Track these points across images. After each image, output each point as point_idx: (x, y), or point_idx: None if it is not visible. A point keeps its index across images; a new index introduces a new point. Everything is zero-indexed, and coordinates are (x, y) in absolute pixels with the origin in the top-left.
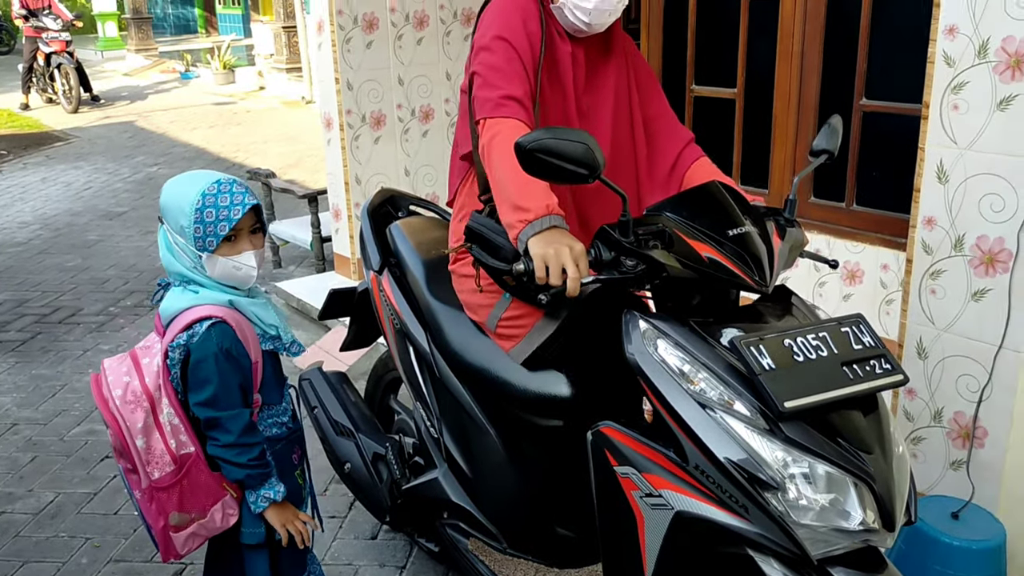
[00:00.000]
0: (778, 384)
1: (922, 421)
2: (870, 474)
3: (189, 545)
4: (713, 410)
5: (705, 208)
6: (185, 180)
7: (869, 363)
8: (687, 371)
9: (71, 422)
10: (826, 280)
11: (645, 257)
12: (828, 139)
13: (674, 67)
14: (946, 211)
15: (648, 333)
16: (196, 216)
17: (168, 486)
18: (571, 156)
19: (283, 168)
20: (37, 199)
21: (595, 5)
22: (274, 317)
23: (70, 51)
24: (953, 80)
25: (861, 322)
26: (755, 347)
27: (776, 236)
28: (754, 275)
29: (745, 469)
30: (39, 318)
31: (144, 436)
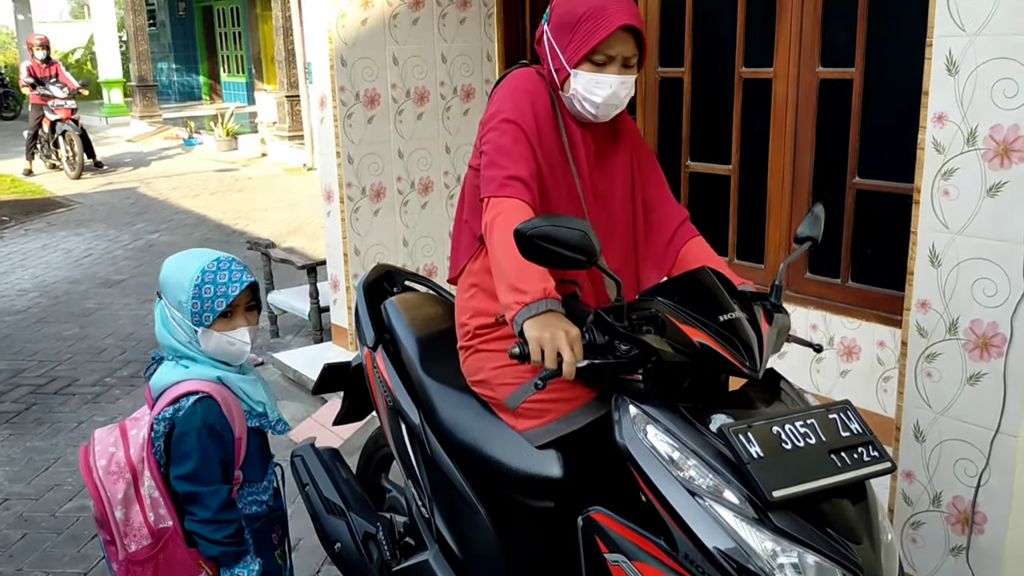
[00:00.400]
0: (766, 473)
1: (921, 505)
2: (859, 565)
3: None
4: (702, 498)
5: (696, 293)
6: (186, 257)
7: (857, 451)
8: (676, 458)
9: (63, 497)
10: (823, 356)
11: (638, 341)
12: (812, 227)
13: (670, 142)
14: (940, 294)
15: (638, 419)
16: (195, 292)
17: (144, 559)
18: (568, 243)
19: (283, 235)
20: (37, 266)
21: (603, 100)
22: (262, 394)
23: (75, 118)
24: (943, 166)
25: (848, 408)
26: (744, 435)
27: (764, 321)
28: (745, 360)
29: (734, 559)
30: (34, 388)
31: (124, 507)
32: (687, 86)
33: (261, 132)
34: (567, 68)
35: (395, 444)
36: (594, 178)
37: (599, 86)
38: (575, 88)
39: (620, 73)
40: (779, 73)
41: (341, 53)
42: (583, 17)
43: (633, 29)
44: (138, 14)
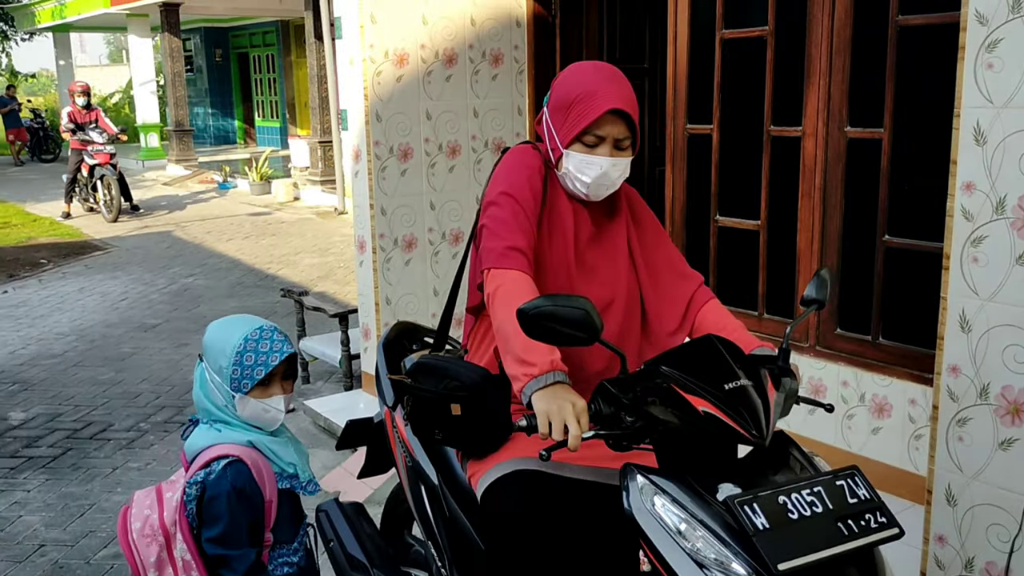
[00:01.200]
0: (772, 544)
1: (954, 570)
2: None
3: None
4: (710, 570)
5: (701, 362)
6: (230, 323)
7: (864, 517)
8: (683, 529)
9: (98, 544)
10: (854, 413)
11: (644, 413)
12: (818, 289)
13: (699, 197)
14: (970, 360)
15: (646, 489)
16: (236, 358)
17: None
18: (571, 321)
19: (314, 280)
20: (74, 309)
21: (593, 180)
22: (293, 455)
23: (113, 163)
24: (972, 234)
25: (856, 474)
26: (749, 506)
27: (771, 387)
28: (751, 429)
29: None
30: (70, 433)
31: (157, 571)
32: (715, 142)
33: (294, 176)
34: (560, 148)
35: (415, 503)
36: (587, 253)
37: (590, 166)
38: (567, 167)
39: (611, 155)
40: (808, 132)
41: (376, 108)
42: (576, 99)
43: (623, 113)
44: (176, 60)
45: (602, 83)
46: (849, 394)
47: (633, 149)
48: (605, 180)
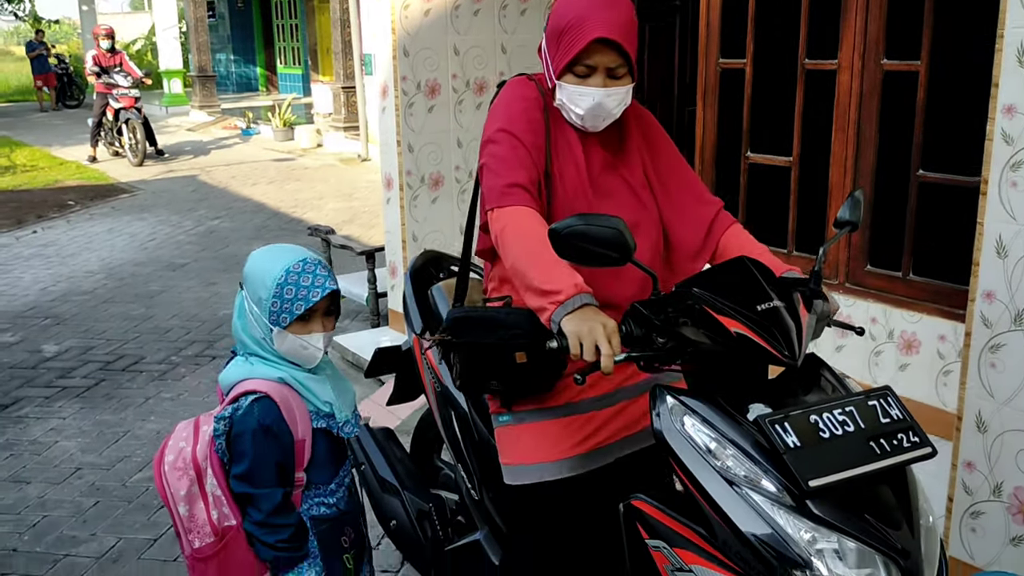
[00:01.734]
0: (803, 462)
1: (981, 495)
2: (897, 550)
3: None
4: (740, 487)
5: (733, 283)
6: (273, 252)
7: (896, 437)
8: (714, 448)
9: (133, 468)
10: (882, 349)
11: (675, 334)
12: (852, 211)
13: (730, 134)
14: (1006, 286)
15: (675, 409)
16: (276, 291)
17: (208, 556)
18: (603, 240)
19: (339, 224)
20: (103, 248)
21: (586, 110)
22: (330, 394)
23: (138, 107)
24: (1012, 158)
25: (889, 395)
26: (780, 425)
27: (803, 309)
28: (783, 349)
29: (772, 546)
30: (103, 365)
31: (188, 504)
32: (748, 77)
33: (317, 123)
34: (553, 78)
35: (444, 428)
36: (601, 180)
37: (582, 97)
38: (560, 98)
39: (605, 85)
40: (843, 65)
41: (404, 43)
42: (566, 27)
43: (613, 41)
44: (198, 5)
45: (593, 9)
46: (878, 331)
47: (632, 76)
48: (600, 111)
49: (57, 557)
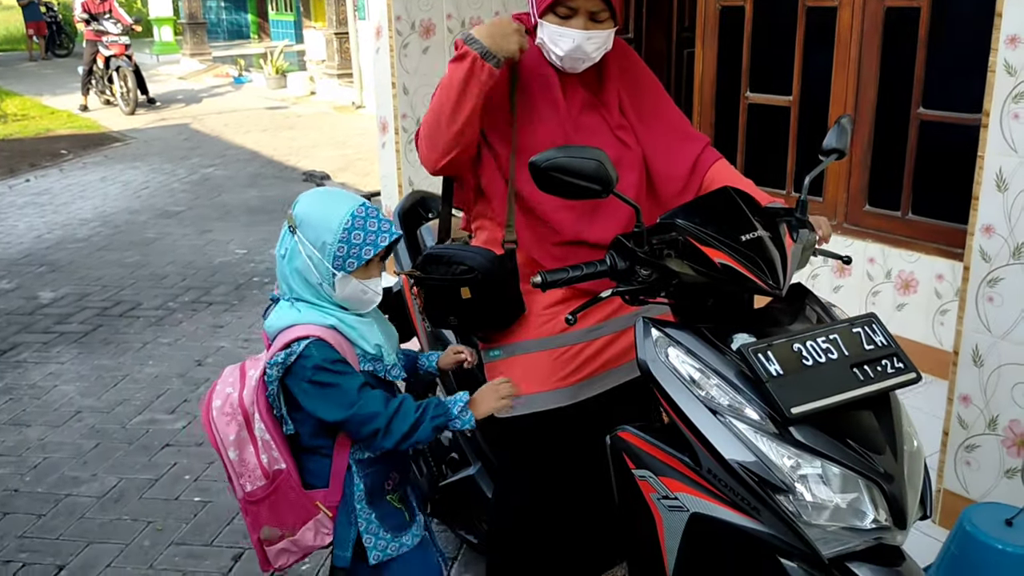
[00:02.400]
0: (785, 390)
1: (976, 428)
2: (880, 474)
3: (282, 560)
4: (723, 416)
5: (717, 214)
6: (331, 196)
7: (880, 363)
8: (698, 378)
9: (132, 411)
10: (880, 289)
11: (659, 266)
12: (838, 138)
13: (729, 74)
14: (1005, 219)
15: (660, 341)
16: (343, 235)
17: (259, 500)
18: (584, 173)
19: (333, 172)
20: (97, 197)
21: (566, 52)
22: (379, 336)
23: (129, 54)
24: (1014, 89)
25: (874, 321)
26: (763, 354)
27: (788, 238)
28: (767, 279)
29: (755, 472)
30: (100, 311)
31: (237, 449)
32: (748, 15)
33: (310, 70)
34: (535, 17)
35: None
36: (581, 119)
37: (562, 38)
38: (542, 38)
39: (586, 27)
40: (844, 2)
41: None
42: None
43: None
44: None
45: None
46: (875, 271)
47: (614, 21)
48: (579, 53)
49: (59, 497)
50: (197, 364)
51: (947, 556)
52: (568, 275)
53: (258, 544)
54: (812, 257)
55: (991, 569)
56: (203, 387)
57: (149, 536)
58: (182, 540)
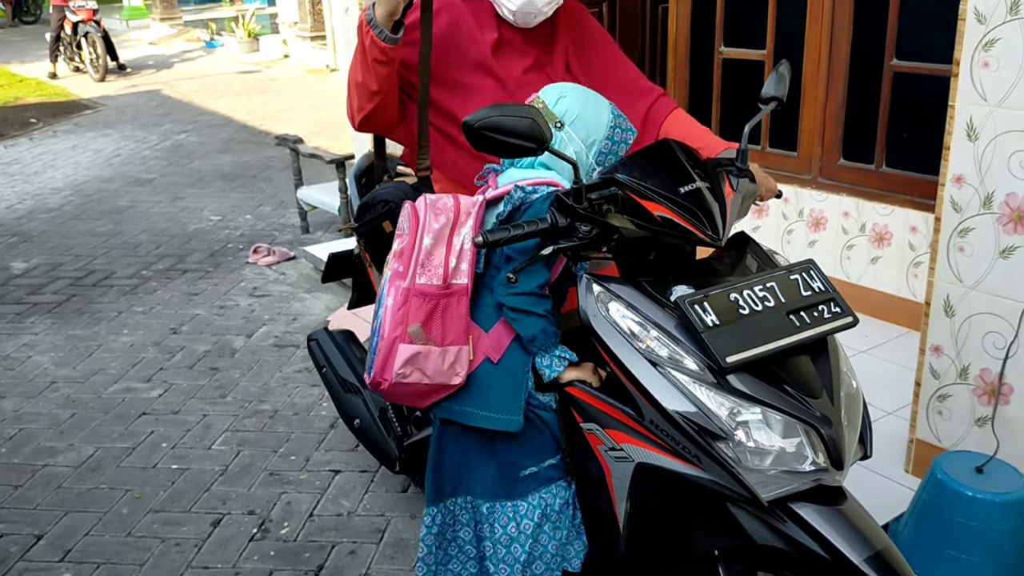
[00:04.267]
0: (721, 339)
1: (948, 378)
2: (817, 417)
3: (405, 370)
4: (663, 367)
5: (656, 167)
6: (593, 95)
7: (817, 308)
8: (637, 331)
9: (108, 380)
10: (854, 243)
11: (599, 222)
12: (776, 86)
13: (703, 29)
14: (975, 169)
15: (601, 296)
16: (609, 133)
17: (427, 295)
18: (518, 131)
19: (308, 135)
20: (68, 166)
21: (518, 7)
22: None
23: (97, 20)
24: (984, 37)
25: (812, 268)
26: (699, 305)
27: (728, 188)
28: (707, 230)
29: (695, 422)
30: (73, 281)
31: (434, 239)
32: None
33: (283, 33)
34: None
35: None
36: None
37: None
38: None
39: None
40: None
41: None
42: None
43: None
44: None
45: None
46: (850, 224)
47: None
48: (531, 8)
49: (35, 468)
50: (172, 332)
51: (919, 504)
52: (510, 234)
53: (391, 344)
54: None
55: (962, 516)
56: (179, 355)
57: (127, 504)
58: (160, 507)
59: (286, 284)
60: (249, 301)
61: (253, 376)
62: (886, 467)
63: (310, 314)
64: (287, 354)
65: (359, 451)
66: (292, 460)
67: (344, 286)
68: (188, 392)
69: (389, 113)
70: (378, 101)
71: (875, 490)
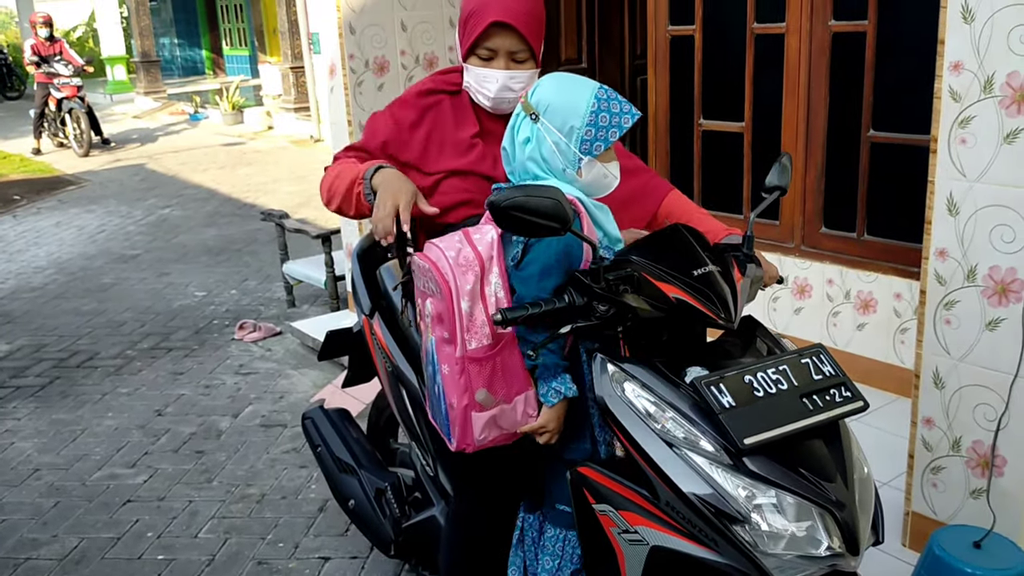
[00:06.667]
0: (738, 421)
1: (941, 451)
2: (832, 501)
3: (486, 434)
4: (679, 448)
5: (670, 250)
6: (571, 82)
7: (829, 392)
8: (653, 412)
9: (92, 466)
10: (840, 310)
11: (616, 301)
12: (780, 176)
13: (682, 102)
14: (958, 242)
15: (616, 376)
16: (591, 119)
17: (482, 358)
18: (542, 211)
19: (293, 207)
20: (51, 243)
21: (494, 94)
22: (614, 225)
23: (81, 96)
24: (960, 115)
25: (821, 352)
26: (715, 386)
27: (737, 272)
28: (720, 312)
29: (711, 504)
30: (57, 363)
31: (470, 301)
32: (698, 43)
33: (266, 105)
34: (461, 61)
35: (397, 407)
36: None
37: (487, 80)
38: (468, 81)
39: (507, 67)
40: (791, 28)
41: (349, 21)
42: (470, 13)
43: (511, 25)
44: None
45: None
46: (834, 292)
47: (535, 62)
48: (506, 93)
49: (18, 561)
50: (157, 414)
51: None
52: (528, 312)
53: (464, 413)
54: (760, 290)
55: None
56: (164, 438)
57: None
58: None
59: (272, 361)
60: (235, 379)
61: (239, 458)
62: None
63: (297, 391)
64: (274, 434)
65: (349, 536)
66: (280, 547)
67: (332, 362)
68: (173, 477)
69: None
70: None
71: (872, 563)
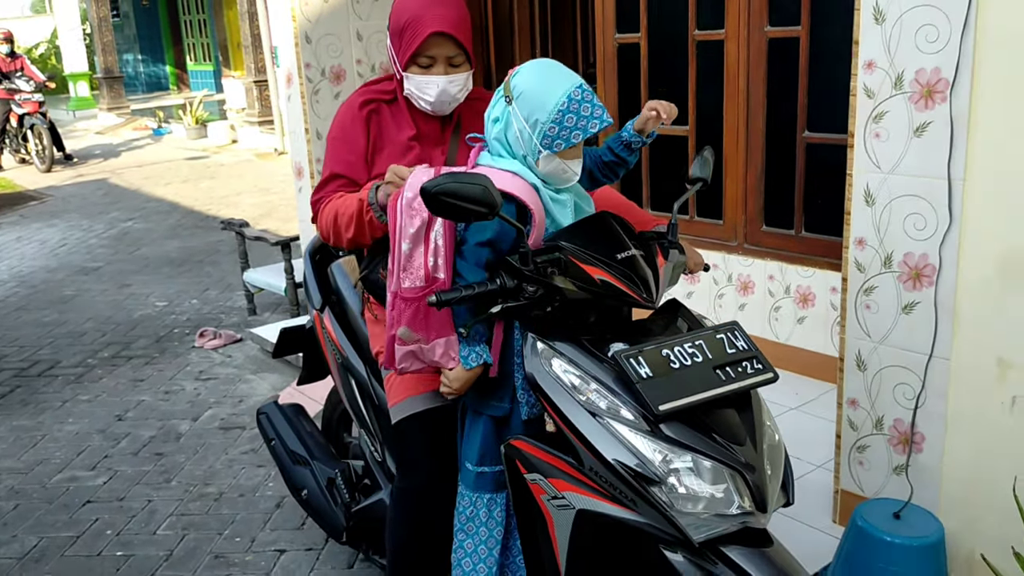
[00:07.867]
0: (654, 390)
1: (865, 430)
2: (742, 464)
3: (406, 363)
4: (602, 417)
5: (596, 236)
6: (552, 73)
7: (741, 365)
8: (578, 384)
9: (52, 470)
10: (780, 305)
11: (544, 283)
12: (702, 168)
13: (629, 107)
14: (875, 231)
15: (545, 353)
16: (556, 116)
17: (411, 298)
18: (471, 197)
19: (256, 218)
20: (12, 257)
21: (435, 98)
22: (570, 217)
23: (43, 111)
24: (874, 111)
25: (735, 328)
26: (635, 359)
27: (660, 257)
28: (642, 293)
29: (631, 468)
30: (17, 372)
31: (411, 243)
32: (644, 51)
33: (231, 119)
34: (399, 71)
35: (347, 398)
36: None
37: (428, 86)
38: (409, 88)
39: (447, 72)
40: (730, 34)
41: (305, 30)
42: (405, 25)
43: (449, 34)
44: (101, 5)
45: (426, 7)
46: (775, 287)
47: (469, 64)
48: (445, 96)
49: None
50: (117, 419)
51: (843, 552)
52: (461, 294)
53: (390, 341)
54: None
55: (882, 561)
56: (124, 441)
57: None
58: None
59: (232, 367)
60: (195, 385)
61: (198, 460)
62: (815, 518)
63: (256, 395)
64: (233, 436)
65: (305, 529)
66: (237, 542)
67: (292, 366)
68: (133, 478)
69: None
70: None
71: (805, 541)
